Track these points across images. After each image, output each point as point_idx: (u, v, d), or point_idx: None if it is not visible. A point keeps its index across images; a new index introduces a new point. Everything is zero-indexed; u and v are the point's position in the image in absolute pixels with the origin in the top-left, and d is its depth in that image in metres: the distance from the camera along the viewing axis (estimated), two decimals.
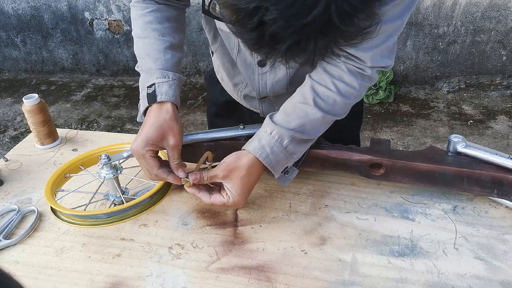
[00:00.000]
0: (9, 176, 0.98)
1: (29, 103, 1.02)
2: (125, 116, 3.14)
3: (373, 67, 0.78)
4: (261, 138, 0.78)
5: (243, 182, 0.77)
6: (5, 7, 3.50)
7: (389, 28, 0.73)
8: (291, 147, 0.78)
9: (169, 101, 0.79)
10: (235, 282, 0.71)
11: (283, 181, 0.84)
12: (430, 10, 2.95)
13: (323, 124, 0.81)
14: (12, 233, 0.82)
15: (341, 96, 0.79)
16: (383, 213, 0.86)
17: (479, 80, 3.18)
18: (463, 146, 0.85)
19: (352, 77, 0.78)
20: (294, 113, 0.79)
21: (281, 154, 0.77)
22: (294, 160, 0.81)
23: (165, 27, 0.85)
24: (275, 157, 0.77)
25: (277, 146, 0.77)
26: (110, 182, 0.83)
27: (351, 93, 0.80)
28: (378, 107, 3.09)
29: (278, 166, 0.78)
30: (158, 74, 0.81)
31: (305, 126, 0.78)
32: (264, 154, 0.76)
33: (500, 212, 0.85)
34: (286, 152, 0.78)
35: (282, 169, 0.80)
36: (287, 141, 0.77)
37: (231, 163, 0.77)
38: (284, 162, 0.79)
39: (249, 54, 0.88)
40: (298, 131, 0.78)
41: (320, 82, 0.79)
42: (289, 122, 0.78)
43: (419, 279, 0.71)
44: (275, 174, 0.79)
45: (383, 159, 0.85)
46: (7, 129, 3.05)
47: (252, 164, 0.77)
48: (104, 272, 0.74)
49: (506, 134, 2.76)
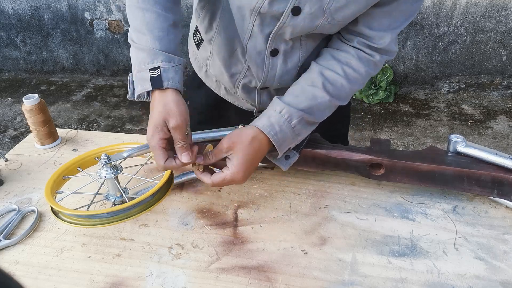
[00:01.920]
0: (9, 176, 0.98)
1: (29, 103, 1.02)
2: (125, 116, 3.14)
3: (385, 51, 0.80)
4: (271, 116, 0.78)
5: (245, 154, 0.75)
6: (5, 7, 3.50)
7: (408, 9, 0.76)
8: (298, 128, 0.78)
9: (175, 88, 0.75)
10: (235, 282, 0.71)
11: (284, 165, 0.84)
12: (430, 10, 2.95)
13: (328, 108, 0.83)
14: (12, 233, 0.82)
15: (348, 81, 0.81)
16: (383, 213, 0.86)
17: (479, 80, 3.18)
18: (463, 146, 0.85)
19: (359, 63, 0.80)
20: (303, 95, 0.80)
21: (288, 134, 0.78)
22: (297, 142, 0.82)
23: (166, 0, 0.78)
24: (283, 136, 0.77)
25: (286, 125, 0.77)
26: (110, 182, 0.83)
27: (357, 79, 0.82)
28: (378, 107, 3.09)
29: (283, 146, 0.79)
30: (163, 57, 0.75)
31: (313, 109, 0.79)
32: (273, 131, 0.76)
33: (500, 212, 0.85)
34: (293, 132, 0.78)
35: (286, 149, 0.80)
36: (296, 121, 0.78)
37: (235, 135, 0.77)
38: (290, 142, 0.79)
39: (263, 41, 0.83)
40: (307, 113, 0.79)
41: (328, 67, 0.81)
42: (299, 103, 0.79)
43: (419, 279, 0.71)
44: (280, 153, 0.80)
45: (383, 159, 0.85)
46: (7, 129, 3.05)
47: (257, 139, 0.76)
48: (104, 272, 0.74)
49: (506, 134, 2.76)
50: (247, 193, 0.92)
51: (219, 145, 0.77)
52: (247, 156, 0.76)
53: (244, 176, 0.76)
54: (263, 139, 0.77)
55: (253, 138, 0.76)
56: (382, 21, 0.77)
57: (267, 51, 0.84)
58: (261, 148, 0.78)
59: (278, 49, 0.84)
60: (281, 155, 0.81)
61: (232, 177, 0.75)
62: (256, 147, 0.76)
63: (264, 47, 0.84)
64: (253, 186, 0.93)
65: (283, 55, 0.86)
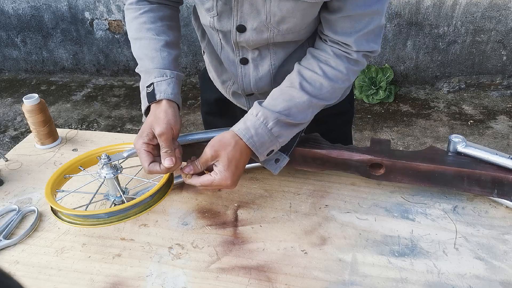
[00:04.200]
0: (9, 176, 0.98)
1: (29, 103, 1.02)
2: (125, 116, 3.14)
3: (359, 51, 0.79)
4: (247, 120, 0.78)
5: (230, 158, 0.76)
6: (5, 7, 3.50)
7: (371, 12, 0.75)
8: (276, 130, 0.78)
9: (168, 99, 0.80)
10: (235, 282, 0.71)
11: (274, 169, 0.85)
12: (430, 10, 2.95)
13: (310, 108, 0.81)
14: (12, 233, 0.82)
15: (328, 80, 0.80)
16: (383, 213, 0.86)
17: (479, 80, 3.18)
18: (463, 146, 0.85)
19: (338, 61, 0.80)
20: (281, 97, 0.80)
21: (265, 136, 0.77)
22: (280, 144, 0.81)
23: (159, 26, 0.87)
24: (259, 139, 0.77)
25: (261, 128, 0.77)
26: (110, 182, 0.83)
27: (338, 77, 0.81)
28: (378, 107, 3.09)
29: (262, 148, 0.78)
30: (156, 73, 0.82)
31: (291, 110, 0.79)
32: (248, 135, 0.77)
33: (500, 212, 0.85)
34: (271, 135, 0.78)
35: (267, 152, 0.79)
36: (272, 123, 0.77)
37: (217, 142, 0.77)
38: (269, 144, 0.79)
39: (231, 51, 0.89)
40: (284, 114, 0.78)
41: (307, 66, 0.81)
42: (275, 106, 0.79)
43: (419, 279, 0.71)
44: (259, 157, 0.79)
45: (383, 159, 0.85)
46: (7, 129, 3.05)
47: (238, 144, 0.77)
48: (104, 272, 0.74)
49: (506, 134, 2.76)
50: (247, 193, 0.92)
51: (204, 154, 0.78)
52: (232, 161, 0.76)
53: (232, 181, 0.77)
54: (242, 143, 0.77)
55: (234, 142, 0.77)
56: (344, 25, 0.77)
57: (237, 60, 0.89)
58: (243, 151, 0.78)
59: (247, 58, 0.88)
60: (262, 158, 0.80)
61: (220, 182, 0.77)
62: (238, 151, 0.77)
63: (234, 57, 0.89)
64: (253, 186, 0.93)
65: (253, 63, 0.89)
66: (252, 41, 0.82)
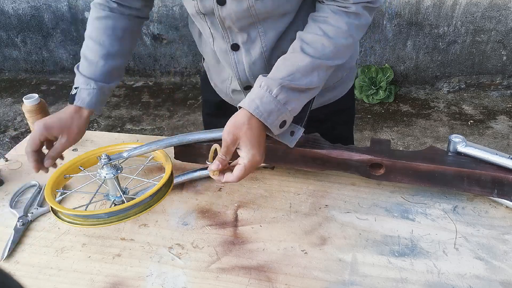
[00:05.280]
0: (9, 176, 0.98)
1: (29, 103, 1.02)
2: (125, 116, 3.14)
3: (357, 2, 0.78)
4: (252, 93, 0.78)
5: (249, 137, 0.75)
6: (5, 7, 3.50)
7: None
8: (282, 96, 0.76)
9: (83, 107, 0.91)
10: (235, 282, 0.71)
11: (289, 142, 0.83)
12: (430, 10, 2.95)
13: (315, 71, 0.79)
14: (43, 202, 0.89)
15: (329, 38, 0.78)
16: (383, 213, 0.86)
17: (479, 80, 3.18)
18: (463, 146, 0.85)
19: (337, 17, 0.78)
20: (283, 65, 0.79)
21: (271, 104, 0.75)
22: (291, 114, 0.79)
23: (109, 35, 0.94)
24: (265, 108, 0.75)
25: (266, 97, 0.75)
26: (111, 182, 0.83)
27: (339, 34, 0.79)
28: (378, 107, 3.09)
29: (271, 118, 0.76)
30: (82, 79, 0.92)
31: (294, 74, 0.77)
32: (254, 105, 0.75)
33: (500, 212, 0.85)
34: (277, 102, 0.76)
35: (278, 122, 0.77)
36: (276, 90, 0.76)
37: (231, 124, 0.76)
38: (277, 113, 0.76)
39: (221, 38, 0.89)
40: (287, 80, 0.76)
41: (307, 30, 0.81)
42: (278, 73, 0.78)
43: (419, 279, 0.71)
44: (272, 129, 0.77)
45: (383, 159, 0.85)
46: (7, 129, 3.05)
47: (250, 120, 0.76)
48: (104, 272, 0.74)
49: (506, 134, 2.76)
50: (247, 193, 0.92)
51: (224, 142, 0.76)
52: (252, 139, 0.75)
53: (261, 157, 0.77)
54: (252, 116, 0.76)
55: (247, 120, 0.75)
56: None
57: (228, 47, 0.89)
58: (258, 125, 0.76)
59: (237, 43, 0.89)
60: (276, 131, 0.78)
61: (251, 164, 0.76)
62: (254, 126, 0.76)
63: (225, 45, 0.89)
64: (253, 186, 0.93)
65: (244, 48, 0.89)
66: (235, 14, 0.81)
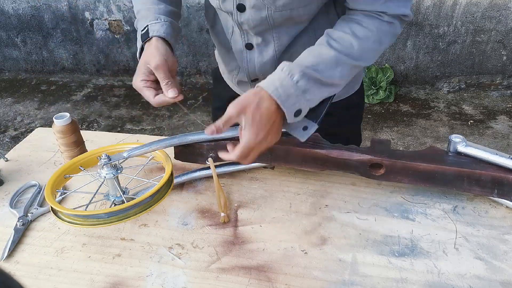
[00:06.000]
0: (9, 176, 0.98)
1: (60, 123, 0.96)
2: (125, 116, 3.14)
3: (390, 14, 0.78)
4: (273, 74, 0.76)
5: (254, 115, 0.72)
6: (5, 7, 3.50)
7: None
8: (302, 83, 0.74)
9: (160, 36, 0.83)
10: (235, 282, 0.71)
11: (301, 136, 0.81)
12: (431, 10, 2.95)
13: (339, 66, 0.77)
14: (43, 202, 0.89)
15: (357, 39, 0.78)
16: (383, 213, 0.86)
17: (480, 80, 3.18)
18: (463, 146, 0.85)
19: (369, 20, 0.78)
20: (308, 55, 0.78)
21: (291, 89, 0.73)
22: (307, 104, 0.77)
23: None
24: (285, 91, 0.73)
25: (286, 80, 0.73)
26: (111, 182, 0.83)
27: (368, 36, 0.78)
28: (378, 107, 3.09)
29: (288, 102, 0.74)
30: (151, 17, 0.86)
31: (318, 65, 0.76)
32: (273, 87, 0.73)
33: (501, 212, 0.85)
34: (296, 88, 0.74)
35: (294, 109, 0.75)
36: (298, 76, 0.74)
37: (243, 99, 0.73)
38: (295, 99, 0.74)
39: (238, 35, 0.91)
40: (310, 68, 0.75)
41: (336, 28, 0.81)
42: (302, 61, 0.77)
43: (419, 279, 0.71)
44: (287, 114, 0.74)
45: (383, 159, 0.85)
46: (7, 129, 3.05)
47: (264, 99, 0.73)
48: (104, 272, 0.74)
49: (506, 134, 2.76)
50: (247, 193, 0.92)
51: (227, 112, 0.73)
52: (259, 118, 0.72)
53: (266, 134, 0.74)
54: (268, 98, 0.73)
55: (260, 98, 0.73)
56: None
57: (243, 45, 0.92)
58: (271, 108, 0.73)
59: (252, 43, 0.91)
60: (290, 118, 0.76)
61: (249, 144, 0.73)
62: (267, 107, 0.73)
63: (241, 42, 0.92)
64: (253, 186, 0.93)
65: (258, 49, 0.91)
66: (253, 21, 0.84)
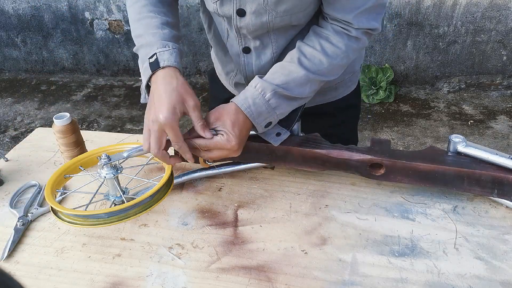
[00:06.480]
0: (9, 176, 0.98)
1: (60, 123, 0.96)
2: (125, 116, 3.14)
3: (359, 28, 0.81)
4: (247, 91, 0.81)
5: (233, 121, 0.78)
6: (5, 7, 3.50)
7: None
8: (274, 101, 0.80)
9: (173, 66, 0.78)
10: (235, 282, 0.71)
11: (275, 141, 0.87)
12: (431, 10, 2.95)
13: (308, 83, 0.83)
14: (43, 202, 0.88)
15: (327, 56, 0.82)
16: (384, 213, 0.86)
17: (480, 80, 3.18)
18: (464, 146, 0.85)
19: (338, 38, 0.82)
20: (280, 71, 0.82)
21: (263, 107, 0.80)
22: (278, 117, 0.83)
23: (160, 8, 0.88)
24: (257, 109, 0.80)
25: (259, 98, 0.80)
26: (111, 182, 0.83)
27: (337, 54, 0.82)
28: (378, 107, 3.09)
29: (259, 119, 0.81)
30: (158, 44, 0.80)
31: (288, 84, 0.81)
32: (246, 104, 0.79)
33: (501, 212, 0.85)
34: (268, 106, 0.80)
35: (265, 123, 0.82)
36: (270, 95, 0.80)
37: (219, 109, 0.81)
38: (266, 115, 0.81)
39: (235, 39, 0.91)
40: (281, 87, 0.80)
41: (307, 42, 0.83)
42: (274, 79, 0.81)
43: (419, 279, 0.71)
44: (257, 128, 0.82)
45: (383, 159, 0.85)
46: (7, 129, 3.05)
47: (237, 111, 0.79)
48: (104, 272, 0.74)
49: (506, 134, 2.76)
50: (247, 193, 0.92)
51: (206, 119, 0.80)
52: (235, 124, 0.78)
53: (237, 143, 0.78)
54: (241, 112, 0.80)
55: (234, 110, 0.79)
56: (343, 2, 0.78)
57: (240, 49, 0.92)
58: (245, 120, 0.80)
59: (249, 47, 0.91)
60: (260, 130, 0.83)
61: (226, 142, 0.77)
62: (241, 118, 0.79)
63: (238, 46, 0.92)
64: (253, 186, 0.93)
65: (255, 52, 0.91)
66: (252, 26, 0.84)
